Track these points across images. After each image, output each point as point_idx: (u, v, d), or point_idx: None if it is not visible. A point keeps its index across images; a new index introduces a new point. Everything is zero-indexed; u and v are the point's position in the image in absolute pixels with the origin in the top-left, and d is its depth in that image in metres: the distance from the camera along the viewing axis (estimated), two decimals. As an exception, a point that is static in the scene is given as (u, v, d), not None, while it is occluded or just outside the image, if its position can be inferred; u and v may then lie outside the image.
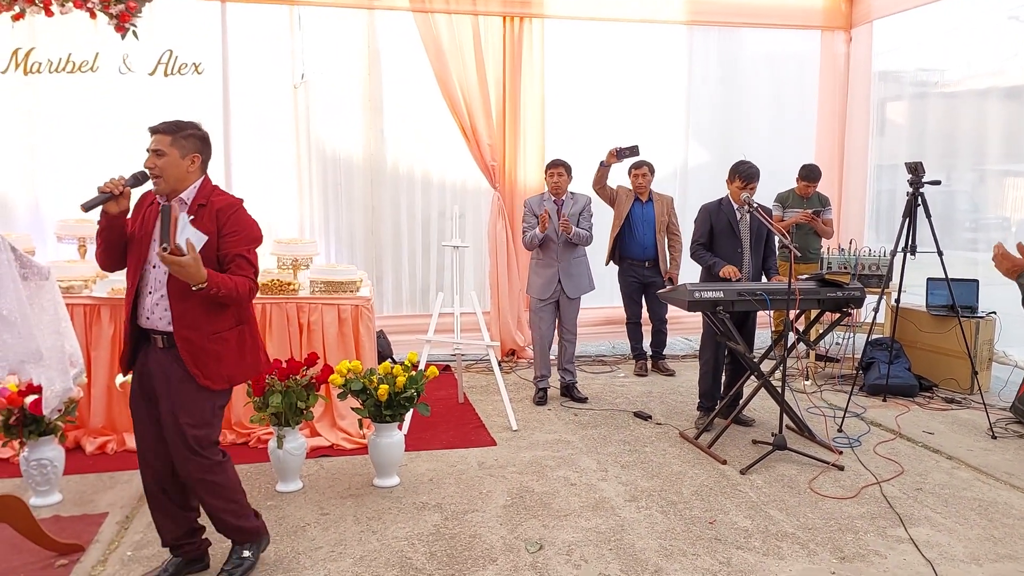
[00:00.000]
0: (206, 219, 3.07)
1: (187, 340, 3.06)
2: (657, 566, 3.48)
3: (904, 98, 8.31)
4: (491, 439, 5.18)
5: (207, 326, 3.10)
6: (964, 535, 3.82)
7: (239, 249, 3.11)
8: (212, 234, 3.05)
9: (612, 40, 7.59)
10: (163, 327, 3.09)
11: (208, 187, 3.18)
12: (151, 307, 3.10)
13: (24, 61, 6.31)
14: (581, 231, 5.88)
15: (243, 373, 3.29)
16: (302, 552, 3.58)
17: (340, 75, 7.09)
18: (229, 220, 3.12)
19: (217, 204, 3.12)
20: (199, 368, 3.08)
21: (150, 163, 3.07)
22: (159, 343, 3.11)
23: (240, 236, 3.13)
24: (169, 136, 3.08)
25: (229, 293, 3.03)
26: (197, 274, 2.91)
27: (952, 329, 6.20)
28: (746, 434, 5.28)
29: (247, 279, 3.11)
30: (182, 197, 3.10)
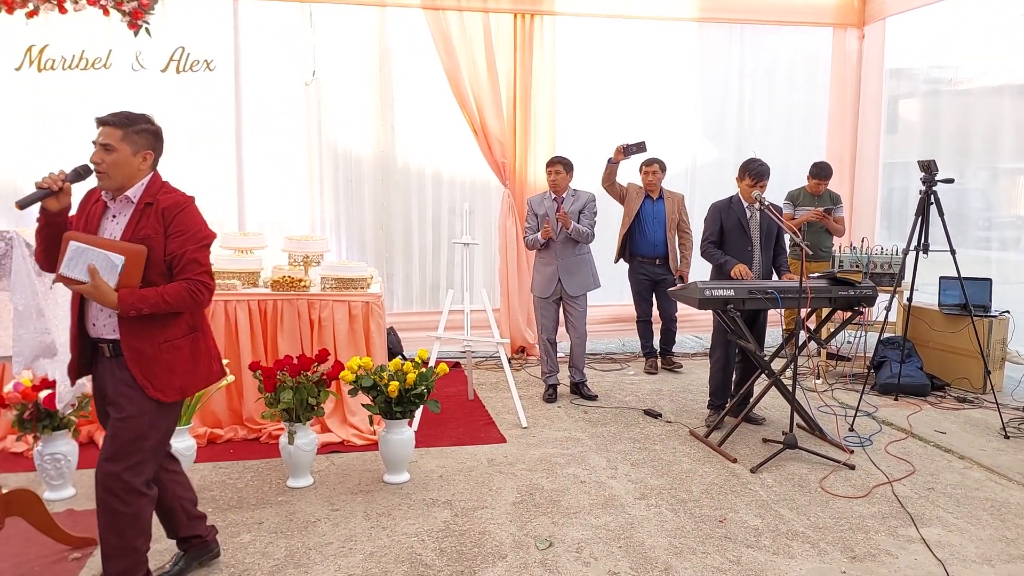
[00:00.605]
0: (152, 218, 2.90)
1: (135, 350, 2.88)
2: (667, 564, 3.48)
3: (917, 96, 8.26)
4: (501, 436, 5.19)
5: (157, 334, 2.92)
6: (976, 535, 3.81)
7: (185, 250, 2.91)
8: (156, 235, 2.88)
9: (623, 37, 7.58)
10: (109, 335, 2.91)
11: (156, 184, 2.99)
12: (95, 314, 2.92)
13: (38, 58, 6.35)
14: (580, 227, 5.84)
15: (195, 383, 3.09)
16: (312, 547, 3.59)
17: (351, 72, 7.10)
18: (175, 220, 2.92)
19: (164, 203, 2.93)
20: (149, 379, 2.90)
21: (96, 158, 2.86)
22: (106, 352, 2.93)
23: (186, 236, 2.93)
24: (120, 130, 2.88)
25: (158, 308, 2.85)
26: (103, 300, 2.77)
27: (965, 328, 6.17)
28: (756, 432, 5.27)
29: (188, 283, 2.89)
30: (128, 195, 2.93)
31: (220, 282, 5.08)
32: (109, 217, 2.96)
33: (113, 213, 2.95)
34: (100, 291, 2.76)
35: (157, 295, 2.84)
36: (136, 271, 2.82)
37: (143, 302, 2.81)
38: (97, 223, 2.94)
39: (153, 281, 2.87)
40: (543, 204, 5.94)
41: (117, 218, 2.95)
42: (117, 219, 2.94)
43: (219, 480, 4.37)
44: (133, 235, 2.88)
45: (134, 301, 2.80)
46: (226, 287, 5.07)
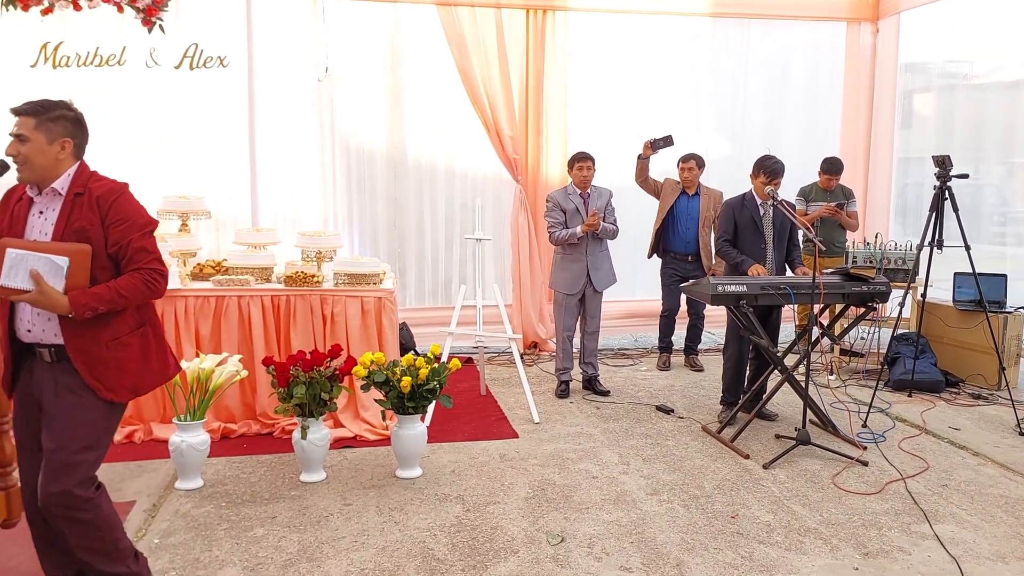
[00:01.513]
0: (85, 209, 2.72)
1: (81, 351, 2.71)
2: (679, 560, 3.48)
3: (931, 90, 8.21)
4: (513, 431, 5.19)
5: (103, 333, 2.75)
6: (990, 532, 3.79)
7: (130, 239, 2.75)
8: (92, 226, 2.70)
9: (635, 33, 7.56)
10: (50, 339, 2.72)
11: (85, 174, 2.80)
12: (31, 319, 2.72)
13: (53, 55, 6.39)
14: (609, 226, 5.87)
15: (150, 381, 2.93)
16: (325, 542, 3.61)
17: (364, 68, 7.11)
18: (112, 208, 2.74)
19: (97, 191, 2.75)
20: (99, 380, 2.74)
21: (12, 149, 2.69)
22: (46, 356, 2.74)
23: (127, 224, 2.76)
24: (33, 118, 2.69)
25: (114, 305, 2.71)
26: (53, 306, 2.62)
27: (979, 324, 6.14)
28: (769, 428, 5.26)
29: (141, 274, 2.76)
30: (55, 187, 2.74)
31: (233, 277, 5.11)
32: (36, 213, 2.77)
33: (40, 208, 2.77)
34: (48, 297, 2.59)
35: (111, 291, 2.69)
36: (83, 271, 2.66)
37: (98, 301, 2.66)
38: (24, 221, 2.75)
39: (95, 277, 2.71)
40: (570, 200, 5.90)
41: (45, 213, 2.76)
42: (45, 214, 2.75)
43: (232, 474, 4.39)
44: (67, 228, 2.70)
45: (87, 301, 2.64)
46: (239, 283, 5.10)
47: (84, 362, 2.72)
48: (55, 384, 2.73)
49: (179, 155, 6.53)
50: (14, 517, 3.28)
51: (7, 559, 3.40)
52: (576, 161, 5.93)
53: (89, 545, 2.78)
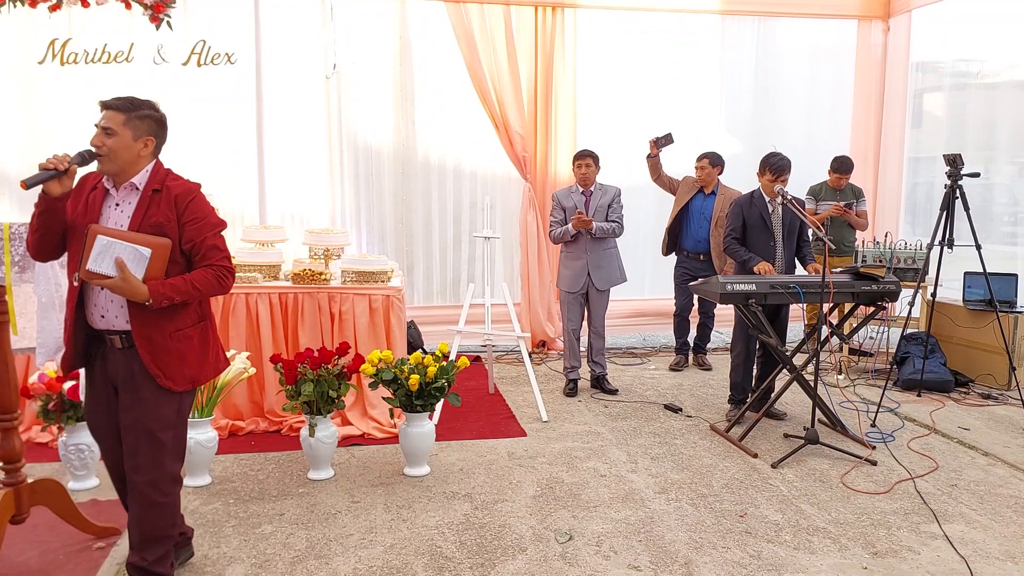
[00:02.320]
0: (163, 205, 2.85)
1: (147, 339, 2.84)
2: (687, 558, 3.47)
3: (942, 89, 8.17)
4: (521, 430, 5.18)
5: (169, 324, 2.88)
6: (1000, 532, 3.77)
7: (204, 236, 2.90)
8: (171, 221, 2.85)
9: (645, 30, 7.54)
10: (120, 326, 2.86)
11: (161, 171, 2.93)
12: (104, 305, 2.86)
13: (61, 52, 6.41)
14: (604, 224, 5.83)
15: (206, 373, 3.06)
16: (333, 539, 3.61)
17: (372, 65, 7.12)
18: (188, 207, 2.89)
19: (175, 190, 2.89)
20: (160, 368, 2.87)
21: (97, 140, 2.80)
22: (117, 343, 2.88)
23: (202, 223, 2.91)
24: (123, 114, 2.82)
25: (189, 296, 2.87)
26: (133, 293, 2.75)
27: (990, 324, 6.11)
28: (778, 428, 5.24)
29: (213, 270, 2.91)
30: (133, 182, 2.88)
31: (241, 275, 5.11)
32: (111, 205, 2.89)
33: (116, 201, 2.89)
34: (130, 284, 2.72)
35: (186, 283, 2.84)
36: (161, 263, 2.80)
37: (174, 291, 2.80)
38: (99, 211, 2.87)
39: (167, 270, 2.84)
40: (571, 197, 5.91)
41: (121, 206, 2.88)
42: (121, 207, 2.88)
43: (240, 472, 4.40)
44: (143, 222, 2.83)
45: (165, 291, 2.78)
46: (247, 280, 5.10)
47: (148, 350, 2.85)
48: (129, 371, 2.88)
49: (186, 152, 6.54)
50: (23, 513, 3.29)
51: (17, 554, 3.41)
52: (576, 159, 5.94)
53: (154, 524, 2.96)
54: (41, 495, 3.39)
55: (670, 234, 6.78)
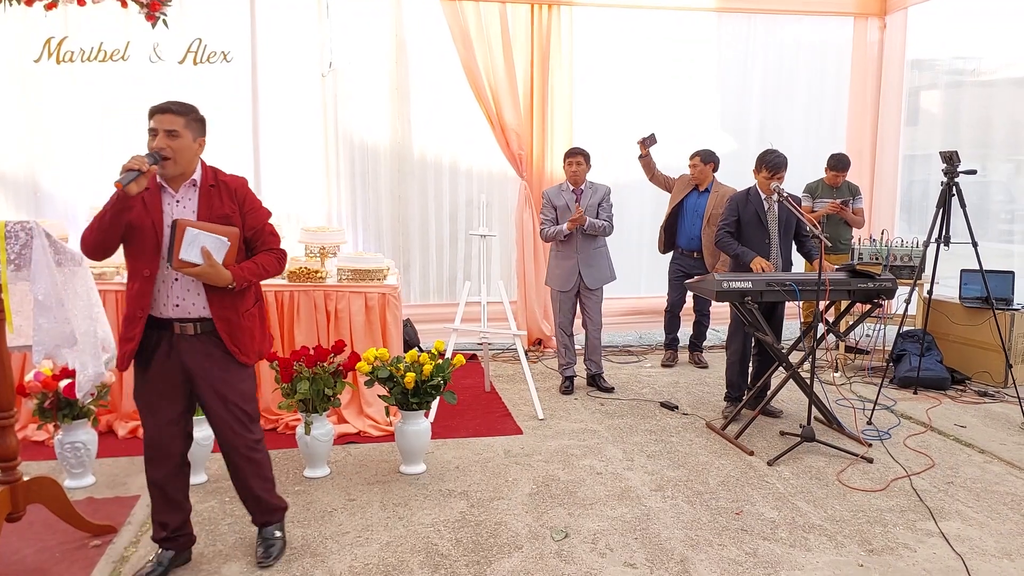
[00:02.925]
0: (225, 198, 3.12)
1: (226, 320, 3.12)
2: (683, 556, 3.47)
3: (938, 87, 8.18)
4: (517, 428, 5.19)
5: (241, 305, 3.18)
6: (996, 529, 3.77)
7: (263, 223, 3.24)
8: (234, 213, 3.12)
9: (641, 28, 7.53)
10: (197, 312, 3.09)
11: (209, 168, 3.19)
12: (180, 294, 3.07)
13: (57, 50, 6.39)
14: (597, 222, 5.82)
15: (265, 347, 3.37)
16: (329, 537, 3.61)
17: (368, 63, 7.10)
18: (247, 198, 3.20)
19: (231, 183, 3.19)
20: (237, 346, 3.15)
21: (161, 144, 2.97)
22: (190, 330, 3.09)
23: (259, 211, 3.24)
24: (183, 117, 3.02)
25: (261, 277, 3.19)
26: (218, 278, 3.01)
27: (986, 321, 6.11)
28: (774, 425, 5.25)
29: (273, 252, 3.24)
30: (193, 179, 3.11)
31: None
32: (171, 202, 3.08)
33: (176, 198, 3.09)
34: (216, 270, 2.99)
35: (257, 266, 3.17)
36: (235, 250, 3.08)
37: (251, 273, 3.13)
38: (160, 208, 3.06)
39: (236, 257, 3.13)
40: (561, 196, 5.91)
41: (182, 202, 3.09)
42: (182, 203, 3.09)
43: (237, 469, 4.39)
44: (210, 215, 3.07)
45: (244, 274, 3.10)
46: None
47: (227, 330, 3.12)
48: (207, 354, 3.12)
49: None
50: (19, 511, 3.29)
51: (13, 552, 3.41)
52: (567, 157, 5.93)
53: (261, 485, 3.36)
54: (37, 493, 3.39)
55: (666, 232, 6.78)
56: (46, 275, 3.26)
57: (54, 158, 6.65)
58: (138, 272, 3.04)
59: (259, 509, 3.41)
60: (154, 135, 2.99)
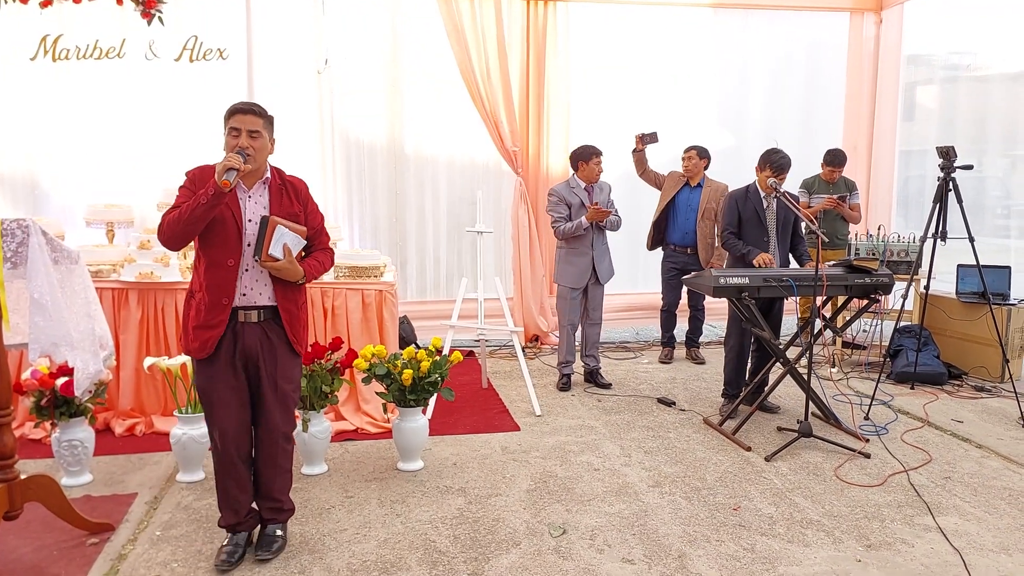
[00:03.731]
0: (293, 197, 3.30)
1: (288, 311, 3.29)
2: (680, 551, 3.47)
3: (934, 82, 8.18)
4: (515, 424, 5.19)
5: (299, 297, 3.36)
6: (993, 524, 3.78)
7: (321, 223, 3.43)
8: (300, 213, 3.30)
9: (636, 24, 7.52)
10: (263, 301, 3.24)
11: (275, 168, 3.34)
12: (250, 284, 3.22)
13: (53, 48, 6.37)
14: (616, 217, 5.87)
15: (308, 340, 3.58)
16: (327, 534, 3.61)
17: (363, 60, 7.09)
18: (308, 199, 3.39)
19: (296, 184, 3.37)
20: (295, 335, 3.33)
21: (246, 142, 3.12)
22: (254, 317, 3.23)
23: (317, 212, 3.42)
24: (263, 119, 3.19)
25: (320, 273, 3.41)
26: (294, 274, 3.20)
27: (983, 316, 6.12)
28: (771, 421, 5.25)
29: (328, 251, 3.47)
30: (267, 177, 3.27)
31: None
32: (244, 198, 3.22)
33: (249, 194, 3.23)
34: (294, 267, 3.18)
35: (319, 263, 3.39)
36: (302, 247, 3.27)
37: (316, 270, 3.36)
38: (236, 203, 3.19)
39: None
40: (574, 193, 5.88)
41: (254, 198, 3.24)
42: (254, 199, 3.24)
43: (234, 467, 4.39)
44: (279, 213, 3.21)
45: (311, 270, 3.31)
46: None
47: (288, 321, 3.29)
48: (269, 342, 3.27)
49: (179, 148, 6.51)
50: (16, 509, 3.28)
51: (11, 550, 3.41)
52: (593, 155, 5.83)
53: (286, 478, 3.46)
54: (35, 491, 3.39)
55: (656, 228, 6.79)
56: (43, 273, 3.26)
57: (50, 156, 6.63)
58: (221, 262, 3.17)
59: (272, 503, 3.44)
60: (237, 134, 3.13)
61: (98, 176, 6.53)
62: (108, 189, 6.38)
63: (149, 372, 4.44)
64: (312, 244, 3.39)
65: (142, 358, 4.69)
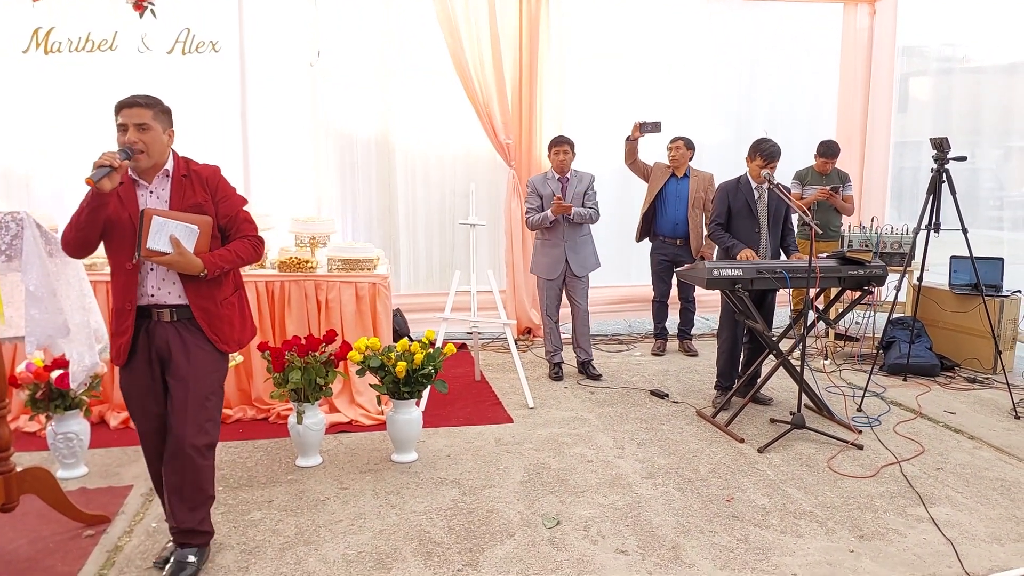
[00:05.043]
0: (197, 187, 3.09)
1: (204, 309, 3.10)
2: (674, 542, 3.49)
3: (928, 74, 8.19)
4: (508, 416, 5.20)
5: (218, 293, 3.15)
6: (985, 515, 3.80)
7: (237, 211, 3.19)
8: (206, 202, 3.09)
9: (629, 16, 7.51)
10: (173, 300, 3.07)
11: (181, 159, 3.15)
12: (156, 283, 3.05)
13: (44, 41, 6.35)
14: (583, 210, 5.84)
15: (246, 336, 3.33)
16: (322, 525, 3.61)
17: (356, 53, 7.06)
18: (219, 186, 3.16)
19: (203, 172, 3.15)
20: (217, 334, 3.14)
21: (134, 137, 2.95)
22: (166, 316, 3.07)
23: (232, 200, 3.19)
24: (151, 110, 3.01)
25: (235, 264, 3.15)
26: (189, 266, 2.98)
27: (976, 308, 6.15)
28: (764, 413, 5.27)
29: (248, 239, 3.20)
30: (166, 169, 3.08)
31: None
32: (144, 193, 3.07)
33: (150, 189, 3.08)
34: (186, 258, 2.96)
35: (231, 253, 3.12)
36: (206, 239, 3.05)
37: (223, 261, 3.08)
38: (134, 200, 3.04)
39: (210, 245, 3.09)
40: (547, 184, 5.92)
41: (155, 192, 3.07)
42: (156, 193, 3.07)
43: (229, 459, 4.39)
44: (181, 205, 3.05)
45: (216, 261, 3.05)
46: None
47: (205, 319, 3.10)
48: (181, 341, 3.08)
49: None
50: (12, 501, 3.28)
51: (7, 543, 3.41)
52: (552, 145, 5.94)
53: (200, 487, 3.15)
54: (30, 484, 3.39)
55: (645, 220, 6.79)
56: (37, 265, 3.25)
57: (42, 148, 6.61)
58: (120, 266, 3.03)
59: (182, 523, 3.14)
60: (124, 130, 2.98)
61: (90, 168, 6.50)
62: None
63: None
64: (229, 233, 3.17)
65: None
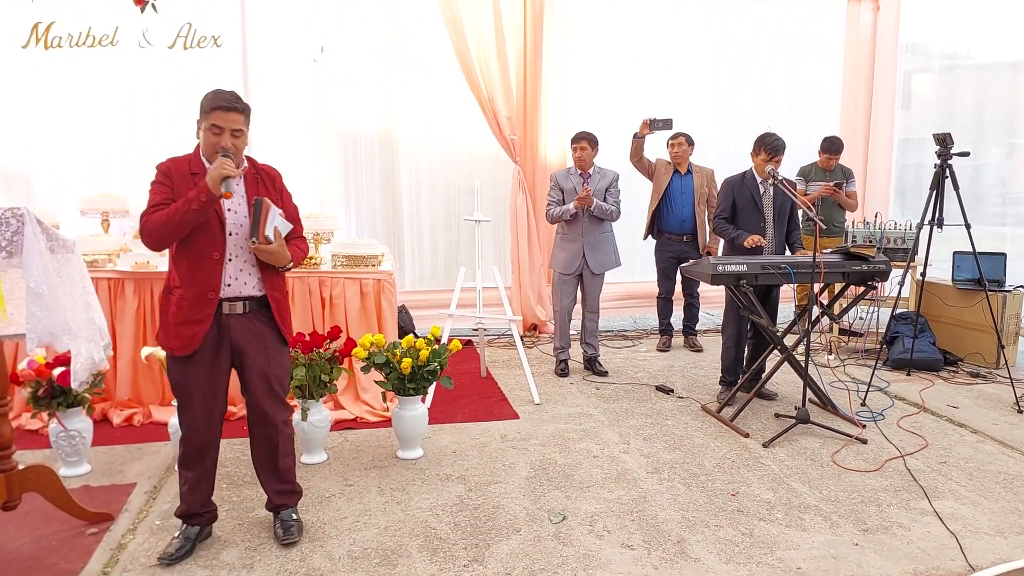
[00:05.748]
0: (268, 185, 3.27)
1: (277, 300, 3.28)
2: (680, 537, 3.48)
3: (931, 70, 8.18)
4: (514, 412, 5.19)
5: (284, 285, 3.37)
6: (989, 508, 3.80)
7: (296, 212, 3.40)
8: (277, 200, 3.24)
9: (633, 12, 7.50)
10: (248, 292, 3.21)
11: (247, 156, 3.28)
12: (234, 274, 3.18)
13: (45, 36, 6.33)
14: (604, 204, 5.82)
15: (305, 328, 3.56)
16: (327, 522, 3.61)
17: (359, 48, 7.05)
18: (283, 187, 3.36)
19: (270, 172, 3.34)
20: (284, 324, 3.32)
21: (227, 143, 3.07)
22: (239, 308, 3.20)
23: (292, 201, 3.39)
24: (244, 116, 3.14)
25: (299, 261, 3.37)
26: (284, 258, 3.19)
27: (979, 303, 6.14)
28: (769, 408, 5.27)
29: (303, 240, 3.45)
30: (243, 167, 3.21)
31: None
32: None
33: None
34: (284, 249, 3.17)
35: (300, 251, 3.36)
36: None
37: (299, 257, 3.34)
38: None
39: None
40: (570, 179, 5.89)
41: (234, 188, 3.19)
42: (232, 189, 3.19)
43: (234, 456, 4.39)
44: None
45: (294, 255, 3.28)
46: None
47: (277, 308, 3.29)
48: (254, 333, 3.24)
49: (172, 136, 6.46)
50: (14, 499, 3.28)
51: (10, 541, 3.40)
52: (573, 142, 5.91)
53: (291, 453, 3.47)
54: (33, 481, 3.38)
55: (653, 217, 6.79)
56: (38, 262, 3.23)
57: (43, 144, 6.60)
58: (206, 256, 3.11)
59: (282, 489, 3.46)
60: (217, 131, 3.06)
61: (92, 165, 6.50)
62: (102, 178, 6.34)
63: (147, 362, 4.44)
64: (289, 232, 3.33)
65: (139, 348, 4.69)
